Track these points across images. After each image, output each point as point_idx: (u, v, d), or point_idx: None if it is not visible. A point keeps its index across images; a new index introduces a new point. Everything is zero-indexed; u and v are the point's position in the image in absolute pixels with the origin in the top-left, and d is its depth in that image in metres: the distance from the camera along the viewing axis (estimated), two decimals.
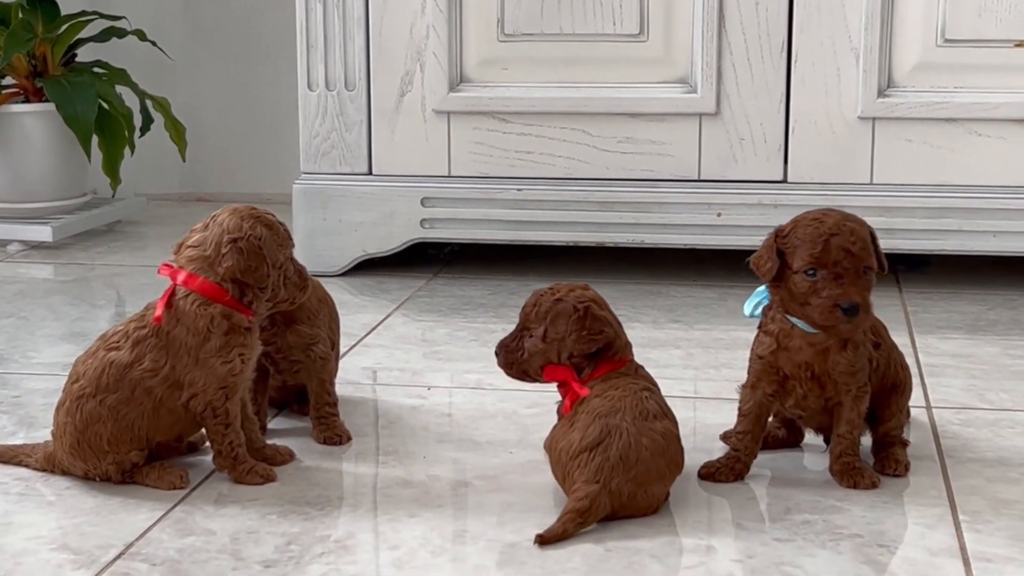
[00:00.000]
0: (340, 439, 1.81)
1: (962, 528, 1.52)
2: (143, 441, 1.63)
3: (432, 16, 2.66)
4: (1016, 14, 2.50)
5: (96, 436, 1.61)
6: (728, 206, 2.62)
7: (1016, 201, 2.54)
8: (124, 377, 1.61)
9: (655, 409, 1.56)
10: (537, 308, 1.63)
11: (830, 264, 1.56)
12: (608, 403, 1.56)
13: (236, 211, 1.64)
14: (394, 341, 2.31)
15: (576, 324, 1.61)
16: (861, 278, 1.57)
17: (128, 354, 1.62)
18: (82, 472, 1.65)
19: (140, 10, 3.54)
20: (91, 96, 3.07)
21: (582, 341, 1.61)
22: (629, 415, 1.54)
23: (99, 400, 1.61)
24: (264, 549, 1.47)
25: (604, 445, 1.51)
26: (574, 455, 1.52)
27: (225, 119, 3.66)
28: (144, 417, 1.62)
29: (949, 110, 2.54)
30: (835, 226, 1.57)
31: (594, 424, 1.53)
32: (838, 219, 1.58)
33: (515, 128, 2.68)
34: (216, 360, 1.61)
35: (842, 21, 2.55)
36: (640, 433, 1.52)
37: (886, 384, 1.69)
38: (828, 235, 1.57)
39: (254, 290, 1.63)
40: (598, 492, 1.49)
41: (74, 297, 2.64)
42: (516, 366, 1.66)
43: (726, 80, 2.60)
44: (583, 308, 1.61)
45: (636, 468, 1.51)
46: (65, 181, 3.19)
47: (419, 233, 2.73)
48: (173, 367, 1.61)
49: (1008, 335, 2.32)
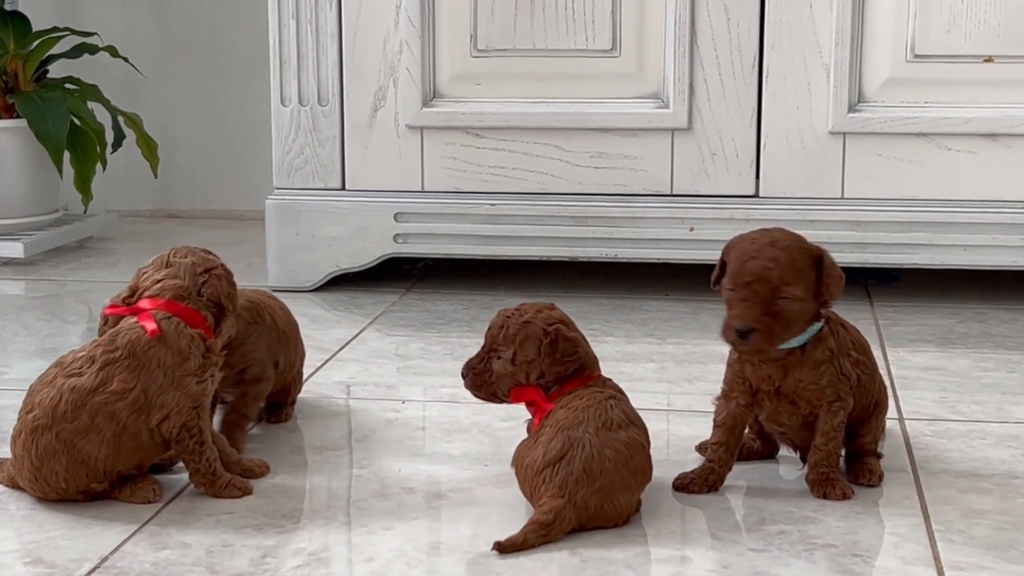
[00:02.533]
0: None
1: (936, 537, 1.53)
2: (101, 475, 1.61)
3: (405, 31, 2.66)
4: (985, 30, 2.52)
5: (52, 472, 1.59)
6: (701, 220, 2.63)
7: (986, 215, 2.56)
8: (85, 403, 1.59)
9: (619, 418, 1.56)
10: (505, 330, 1.62)
11: (741, 285, 1.57)
12: (571, 414, 1.56)
13: (190, 250, 1.71)
14: (368, 356, 2.31)
15: (548, 348, 1.61)
16: (771, 304, 1.57)
17: (92, 379, 1.59)
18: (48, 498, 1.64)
19: (112, 26, 3.54)
20: (63, 112, 3.06)
21: (556, 364, 1.61)
22: (592, 426, 1.54)
23: (55, 433, 1.58)
24: (239, 562, 1.47)
25: (567, 459, 1.51)
26: (539, 470, 1.53)
27: (197, 135, 3.65)
28: (104, 446, 1.59)
29: (919, 125, 2.56)
30: (759, 249, 1.57)
31: (557, 438, 1.53)
32: (766, 242, 1.58)
33: (488, 143, 2.69)
34: (192, 380, 1.61)
35: (813, 37, 2.56)
36: (603, 444, 1.52)
37: (870, 402, 1.70)
38: (748, 257, 1.57)
39: (225, 317, 1.68)
40: (563, 506, 1.49)
41: (46, 313, 2.63)
42: (484, 388, 1.65)
43: (698, 96, 2.61)
44: (554, 332, 1.61)
45: (600, 480, 1.51)
46: (37, 197, 3.18)
47: (392, 248, 2.73)
48: (144, 389, 1.60)
49: (979, 348, 2.33)
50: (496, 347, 1.63)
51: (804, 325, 1.60)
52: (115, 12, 3.60)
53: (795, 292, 1.57)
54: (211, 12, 3.58)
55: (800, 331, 1.60)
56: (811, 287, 1.58)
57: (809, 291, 1.58)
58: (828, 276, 1.59)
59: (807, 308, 1.59)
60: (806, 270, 1.58)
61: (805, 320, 1.60)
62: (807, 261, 1.59)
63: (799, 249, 1.59)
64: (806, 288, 1.58)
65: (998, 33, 2.52)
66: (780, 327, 1.58)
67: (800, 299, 1.57)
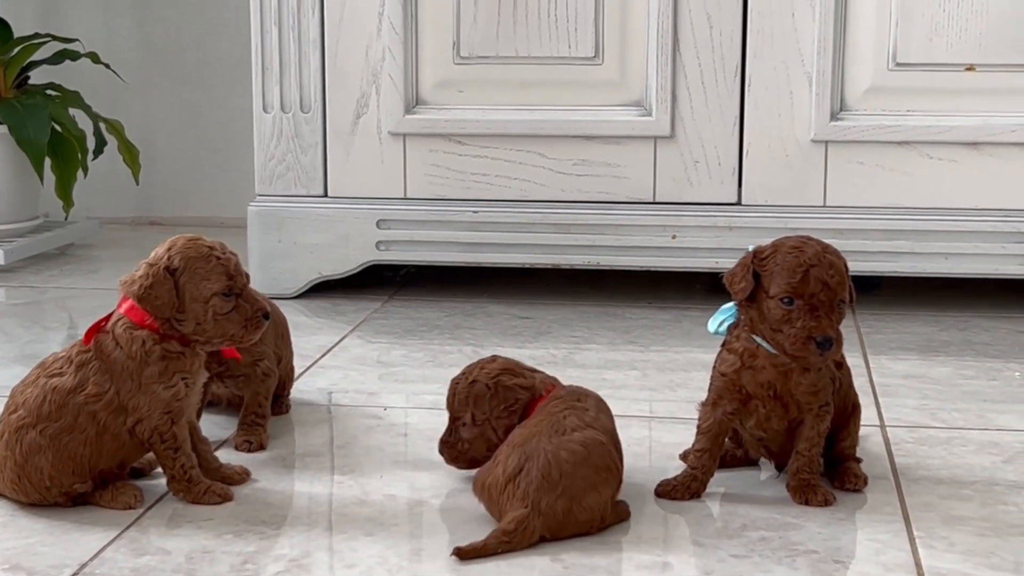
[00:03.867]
0: (250, 445, 1.84)
1: (917, 544, 1.53)
2: (85, 472, 1.60)
3: (388, 38, 2.66)
4: (967, 38, 2.53)
5: (37, 469, 1.59)
6: (683, 228, 2.63)
7: (967, 223, 2.57)
8: (67, 403, 1.59)
9: (574, 423, 1.57)
10: (456, 396, 1.70)
11: (807, 295, 1.56)
12: (524, 432, 1.58)
13: (175, 240, 1.62)
14: (349, 362, 2.30)
15: (492, 401, 1.66)
16: (835, 311, 1.57)
17: (72, 379, 1.59)
18: (28, 503, 1.63)
19: (93, 33, 3.53)
20: (44, 118, 3.05)
21: (504, 416, 1.67)
22: (544, 436, 1.55)
23: (39, 430, 1.58)
24: (220, 569, 1.46)
25: (525, 470, 1.52)
26: (501, 488, 1.53)
27: (179, 142, 3.64)
28: (87, 445, 1.59)
29: (901, 133, 2.56)
30: (815, 256, 1.57)
31: (513, 454, 1.55)
32: (818, 250, 1.58)
33: (471, 150, 2.69)
34: (158, 386, 1.60)
35: (795, 45, 2.57)
36: (558, 448, 1.53)
37: (848, 405, 1.71)
38: (808, 265, 1.56)
39: (171, 320, 1.60)
40: (526, 515, 1.49)
41: (26, 320, 2.62)
42: (462, 457, 1.71)
43: (680, 103, 2.62)
44: (493, 384, 1.67)
45: (562, 483, 1.51)
46: (17, 204, 3.17)
47: (375, 255, 2.73)
48: (117, 391, 1.59)
49: (960, 356, 2.34)
50: (456, 415, 1.70)
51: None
52: (97, 19, 3.59)
53: (846, 297, 1.58)
54: (193, 19, 3.58)
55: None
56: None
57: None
58: (852, 281, 1.61)
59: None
60: (846, 278, 1.60)
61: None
62: (844, 268, 1.60)
63: (839, 256, 1.61)
64: (850, 293, 1.60)
65: (980, 42, 2.53)
66: (842, 335, 1.59)
67: (847, 304, 1.59)
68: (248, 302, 1.62)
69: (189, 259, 1.59)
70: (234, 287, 1.61)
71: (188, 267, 1.59)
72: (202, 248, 1.61)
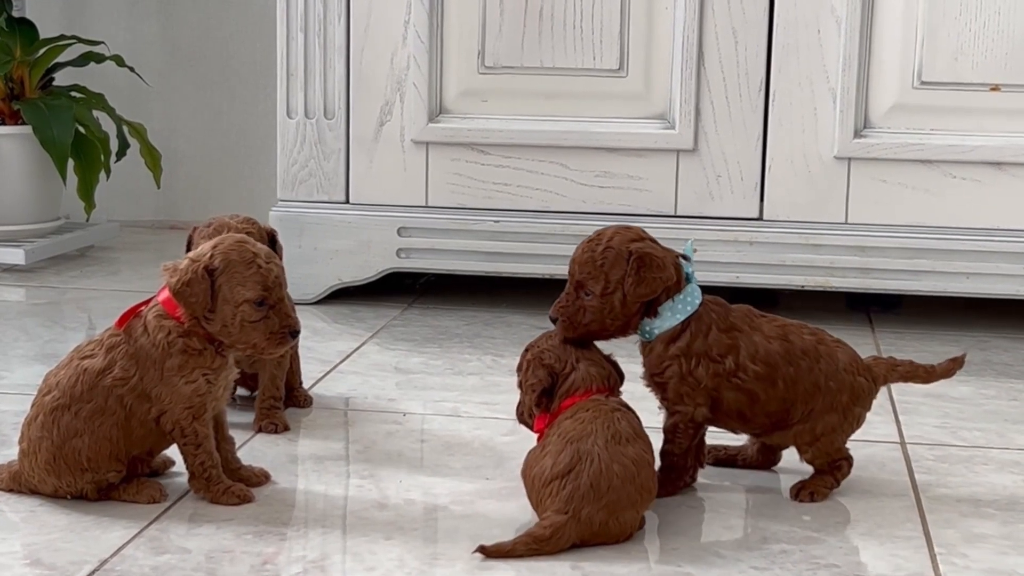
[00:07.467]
0: (276, 427, 1.91)
1: (938, 560, 1.53)
2: (122, 455, 1.61)
3: (413, 47, 2.67)
4: (992, 58, 2.53)
5: (74, 451, 1.60)
6: (704, 242, 2.63)
7: (989, 243, 2.56)
8: (97, 384, 1.60)
9: (627, 431, 1.56)
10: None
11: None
12: (579, 426, 1.55)
13: (224, 238, 1.62)
14: (368, 369, 2.30)
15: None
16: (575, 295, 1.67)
17: (101, 360, 1.61)
18: (53, 489, 1.63)
19: (118, 36, 3.54)
20: (68, 120, 3.06)
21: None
22: (601, 439, 1.53)
23: (74, 412, 1.60)
24: (239, 568, 1.46)
25: (575, 472, 1.50)
26: (546, 482, 1.52)
27: (201, 146, 3.65)
28: (118, 428, 1.60)
29: (924, 152, 2.56)
30: (582, 245, 1.68)
31: (566, 450, 1.52)
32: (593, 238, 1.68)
33: (493, 160, 2.69)
34: (178, 379, 1.60)
35: (820, 62, 2.57)
36: (612, 459, 1.51)
37: (771, 411, 1.69)
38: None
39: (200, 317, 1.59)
40: (564, 523, 1.49)
41: (46, 319, 2.63)
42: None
43: (704, 117, 2.61)
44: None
45: (607, 496, 1.50)
46: (39, 205, 3.18)
47: (395, 263, 2.73)
48: (141, 377, 1.60)
49: (981, 375, 2.33)
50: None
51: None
52: (122, 22, 3.60)
53: (595, 290, 1.68)
54: (218, 24, 3.59)
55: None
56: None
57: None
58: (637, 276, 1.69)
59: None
60: (601, 267, 1.69)
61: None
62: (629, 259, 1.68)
63: (601, 248, 1.69)
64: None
65: (1005, 62, 2.53)
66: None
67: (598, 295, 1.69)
68: (279, 316, 1.61)
69: (231, 261, 1.59)
70: (268, 298, 1.59)
71: (228, 269, 1.58)
72: (246, 253, 1.60)
